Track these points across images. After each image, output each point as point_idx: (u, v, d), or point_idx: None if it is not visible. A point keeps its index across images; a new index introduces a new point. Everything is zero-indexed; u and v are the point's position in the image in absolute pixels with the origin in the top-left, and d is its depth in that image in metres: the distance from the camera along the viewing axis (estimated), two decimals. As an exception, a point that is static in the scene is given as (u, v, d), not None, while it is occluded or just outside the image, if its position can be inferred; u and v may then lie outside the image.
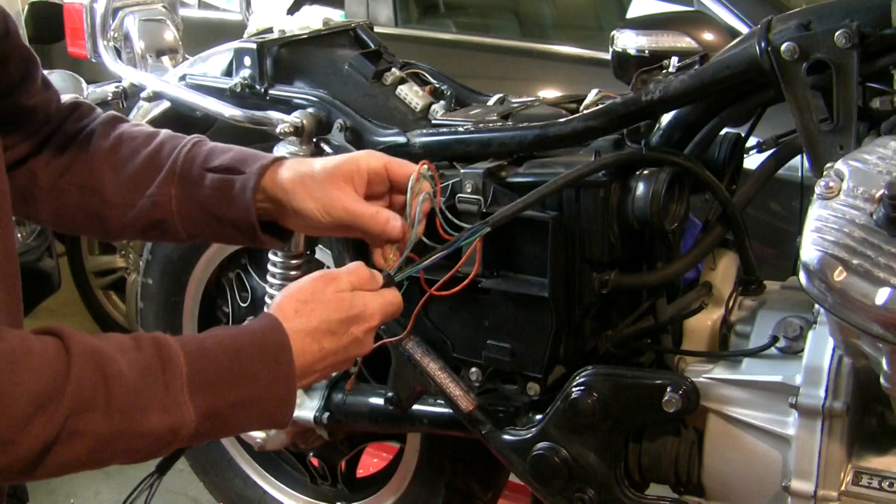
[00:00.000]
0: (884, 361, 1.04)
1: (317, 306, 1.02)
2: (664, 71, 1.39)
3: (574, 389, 1.37)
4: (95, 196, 1.17)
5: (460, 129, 1.47)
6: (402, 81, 1.64)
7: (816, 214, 1.02)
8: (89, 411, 0.84)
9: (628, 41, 2.01)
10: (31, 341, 0.84)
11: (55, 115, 1.19)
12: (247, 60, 1.69)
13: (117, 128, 1.21)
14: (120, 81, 1.87)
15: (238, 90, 1.69)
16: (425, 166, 1.14)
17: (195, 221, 1.17)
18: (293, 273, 1.69)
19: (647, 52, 1.97)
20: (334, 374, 1.76)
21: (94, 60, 1.93)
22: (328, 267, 1.75)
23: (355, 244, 1.60)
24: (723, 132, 1.40)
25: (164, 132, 1.21)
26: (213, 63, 1.83)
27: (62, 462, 0.84)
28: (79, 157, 1.18)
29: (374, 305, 1.06)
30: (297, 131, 1.58)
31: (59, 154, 1.18)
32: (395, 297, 1.09)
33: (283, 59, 1.68)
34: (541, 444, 1.41)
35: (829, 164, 1.06)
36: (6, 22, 1.04)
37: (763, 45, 1.21)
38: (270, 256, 1.70)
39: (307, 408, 1.75)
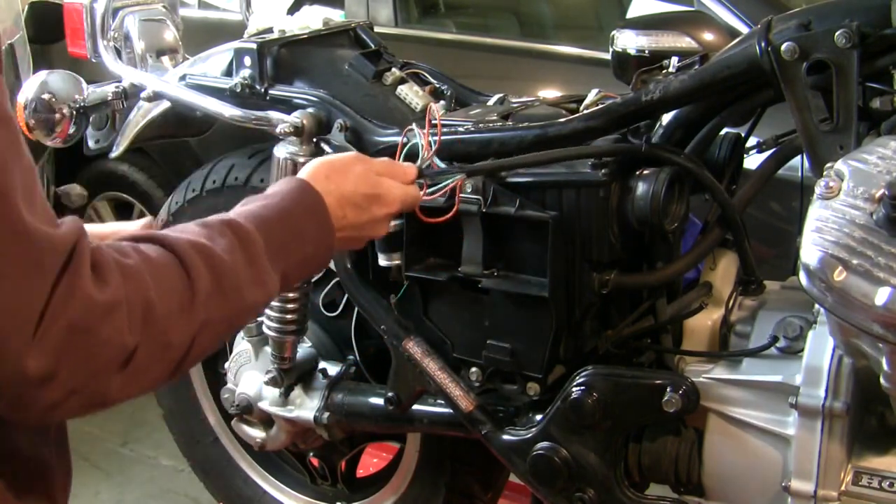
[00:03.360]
0: (884, 361, 1.04)
1: (347, 176, 1.13)
2: (664, 71, 1.39)
3: (574, 389, 1.37)
4: None
5: (460, 129, 1.47)
6: (402, 81, 1.64)
7: (816, 214, 1.02)
8: (211, 299, 0.90)
9: (628, 41, 2.00)
10: (143, 250, 0.87)
11: None
12: (247, 60, 1.69)
13: None
14: (120, 81, 1.87)
15: (238, 90, 1.69)
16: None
17: None
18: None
19: (647, 52, 1.97)
20: (332, 373, 1.77)
21: (94, 60, 1.92)
22: (328, 268, 1.75)
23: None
24: (723, 132, 1.40)
25: None
26: (213, 63, 1.83)
27: (200, 352, 0.90)
28: None
29: (396, 192, 1.17)
30: (297, 131, 1.58)
31: None
32: (415, 192, 1.22)
33: (283, 59, 1.68)
34: (541, 444, 1.41)
35: (829, 164, 1.06)
36: None
37: (763, 45, 1.21)
38: (270, 256, 1.70)
39: (307, 408, 1.75)
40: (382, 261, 1.48)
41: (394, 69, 1.65)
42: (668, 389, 1.31)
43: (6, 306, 0.74)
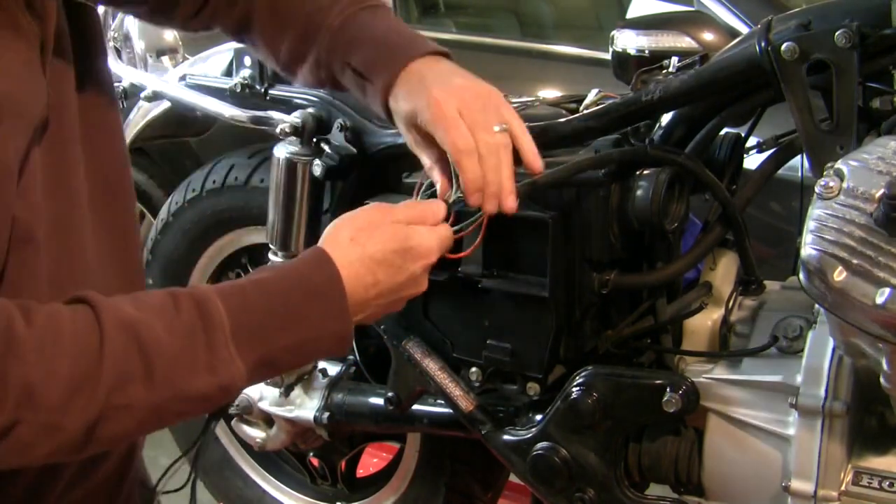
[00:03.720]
0: (884, 361, 1.04)
1: (373, 234, 0.97)
2: (664, 71, 1.39)
3: (574, 389, 1.37)
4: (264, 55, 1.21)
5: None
6: (402, 81, 1.63)
7: (816, 214, 1.02)
8: (130, 384, 0.81)
9: (628, 41, 2.01)
10: (60, 319, 0.80)
11: None
12: (247, 60, 1.69)
13: None
14: (120, 81, 1.87)
15: (238, 90, 1.69)
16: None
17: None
18: (293, 273, 1.69)
19: (647, 52, 1.97)
20: (332, 373, 1.77)
21: (94, 60, 1.92)
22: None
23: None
24: (723, 132, 1.40)
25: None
26: (213, 63, 1.83)
27: (112, 436, 0.82)
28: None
29: (430, 240, 1.02)
30: (297, 131, 1.58)
31: None
32: (448, 232, 1.06)
33: (283, 59, 1.68)
34: (541, 444, 1.41)
35: (829, 164, 1.06)
36: None
37: (763, 45, 1.21)
38: (270, 256, 1.70)
39: (307, 408, 1.75)
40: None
41: (394, 69, 1.65)
42: (668, 389, 1.31)
43: None
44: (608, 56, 2.00)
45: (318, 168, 1.57)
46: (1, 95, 0.78)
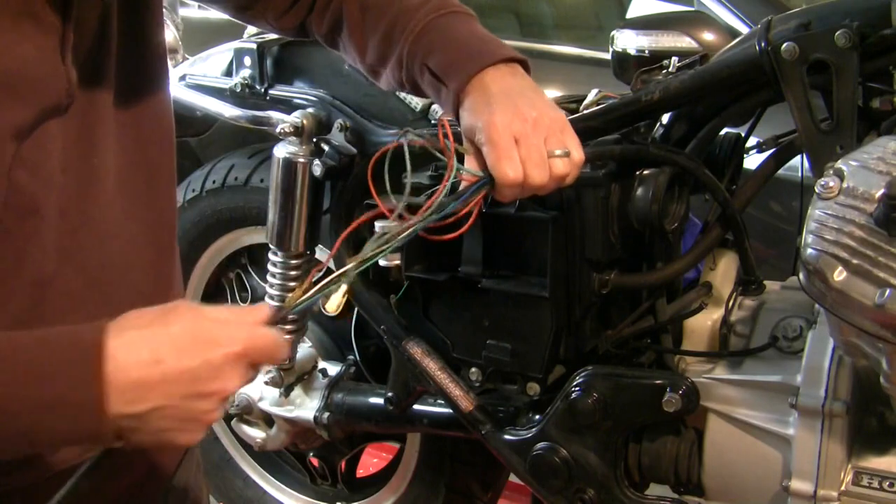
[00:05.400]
0: (884, 361, 1.04)
1: (165, 314, 0.80)
2: (664, 71, 1.39)
3: (574, 389, 1.37)
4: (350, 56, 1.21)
5: (460, 129, 1.46)
6: (402, 81, 1.63)
7: (816, 214, 1.02)
8: None
9: (628, 41, 2.01)
10: None
11: None
12: (247, 60, 1.69)
13: None
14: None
15: (238, 90, 1.69)
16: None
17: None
18: (293, 273, 1.69)
19: (647, 52, 1.97)
20: (332, 373, 1.77)
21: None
22: (328, 268, 1.75)
23: (356, 245, 1.59)
24: (723, 132, 1.40)
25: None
26: (213, 63, 1.83)
27: None
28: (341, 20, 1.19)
29: (237, 330, 0.82)
30: (297, 131, 1.58)
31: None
32: (267, 334, 0.84)
33: (283, 59, 1.68)
34: (541, 444, 1.41)
35: (829, 164, 1.06)
36: None
37: (763, 45, 1.21)
38: (270, 256, 1.70)
39: (307, 408, 1.75)
40: (382, 261, 1.48)
41: (394, 69, 1.65)
42: (668, 389, 1.31)
43: None
44: (608, 56, 2.00)
45: (318, 168, 1.57)
46: None
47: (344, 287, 0.95)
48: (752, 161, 1.45)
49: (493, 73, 1.10)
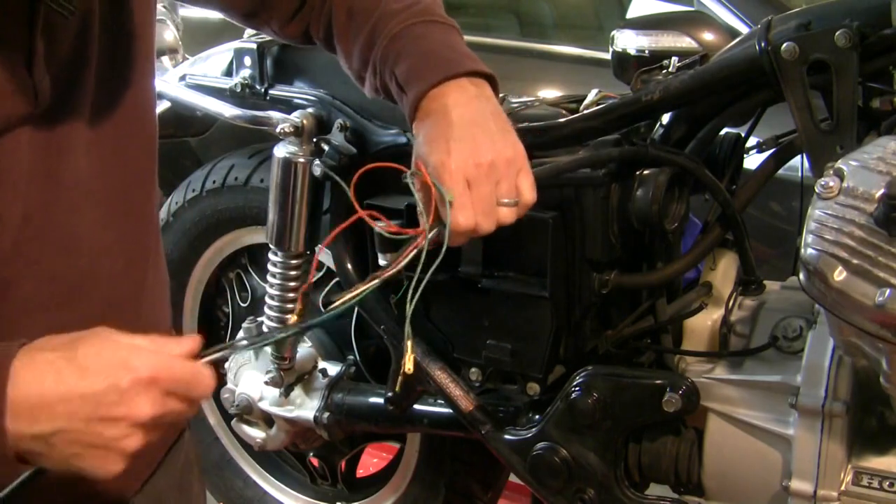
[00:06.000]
0: (883, 361, 1.04)
1: (77, 338, 0.78)
2: (664, 71, 1.39)
3: (574, 389, 1.37)
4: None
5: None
6: (402, 81, 1.63)
7: (816, 214, 1.02)
8: None
9: (628, 41, 2.01)
10: None
11: None
12: (247, 60, 1.69)
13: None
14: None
15: (238, 90, 1.69)
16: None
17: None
18: (293, 273, 1.69)
19: (647, 52, 1.97)
20: (332, 373, 1.77)
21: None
22: (328, 267, 1.75)
23: (355, 245, 1.60)
24: (723, 132, 1.41)
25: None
26: (213, 63, 1.83)
27: None
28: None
29: (149, 357, 0.78)
30: (297, 131, 1.58)
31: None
32: (186, 364, 0.81)
33: (283, 59, 1.68)
34: (541, 444, 1.41)
35: (829, 164, 1.06)
36: None
37: (763, 45, 1.21)
38: (270, 256, 1.70)
39: (307, 408, 1.75)
40: (382, 261, 1.48)
41: (394, 69, 1.65)
42: (668, 389, 1.31)
43: None
44: (608, 56, 2.00)
45: (317, 168, 1.57)
46: None
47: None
48: (752, 161, 1.45)
49: (457, 93, 1.04)
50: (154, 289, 1.07)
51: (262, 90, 1.67)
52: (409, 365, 1.00)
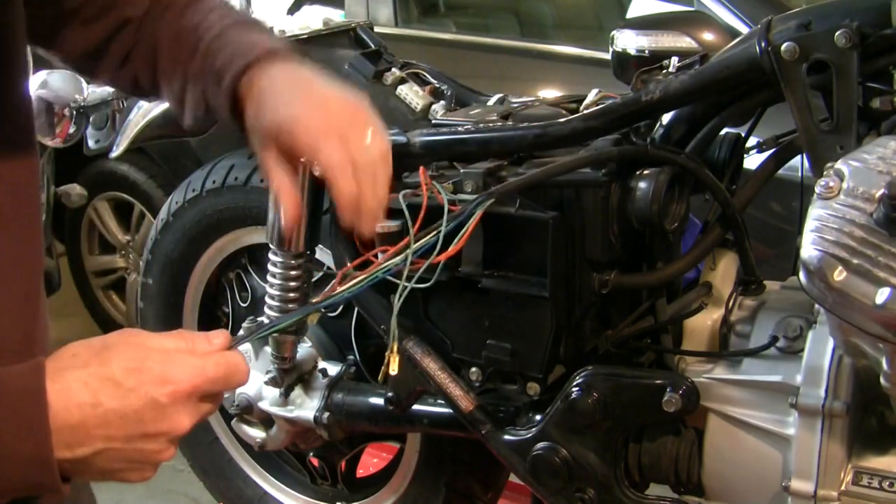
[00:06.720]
0: (884, 361, 1.04)
1: (101, 352, 0.76)
2: (664, 71, 1.39)
3: (574, 389, 1.37)
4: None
5: (460, 129, 1.46)
6: (402, 81, 1.64)
7: (816, 214, 1.02)
8: None
9: (628, 41, 2.01)
10: None
11: None
12: (247, 60, 1.69)
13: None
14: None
15: (238, 90, 1.69)
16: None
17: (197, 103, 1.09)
18: (293, 273, 1.68)
19: (647, 52, 1.98)
20: (332, 373, 1.77)
21: (94, 60, 1.93)
22: (328, 267, 1.75)
23: (354, 246, 1.59)
24: (723, 132, 1.41)
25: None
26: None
27: None
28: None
29: (182, 366, 0.77)
30: (297, 131, 1.58)
31: None
32: (220, 361, 0.80)
33: (283, 59, 1.68)
34: (541, 444, 1.41)
35: (829, 164, 1.06)
36: None
37: (763, 45, 1.21)
38: (270, 256, 1.70)
39: (307, 408, 1.75)
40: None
41: (394, 69, 1.65)
42: (668, 389, 1.31)
43: None
44: (608, 56, 2.00)
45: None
46: None
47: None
48: (752, 161, 1.45)
49: (277, 66, 1.02)
50: (33, 327, 0.96)
51: (262, 90, 1.67)
52: (393, 366, 1.01)
